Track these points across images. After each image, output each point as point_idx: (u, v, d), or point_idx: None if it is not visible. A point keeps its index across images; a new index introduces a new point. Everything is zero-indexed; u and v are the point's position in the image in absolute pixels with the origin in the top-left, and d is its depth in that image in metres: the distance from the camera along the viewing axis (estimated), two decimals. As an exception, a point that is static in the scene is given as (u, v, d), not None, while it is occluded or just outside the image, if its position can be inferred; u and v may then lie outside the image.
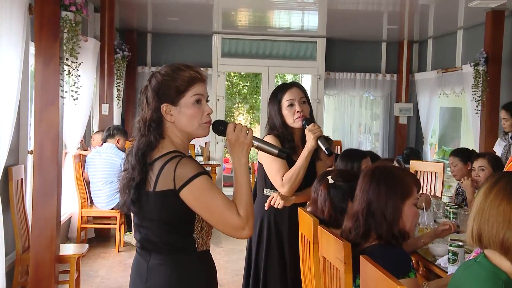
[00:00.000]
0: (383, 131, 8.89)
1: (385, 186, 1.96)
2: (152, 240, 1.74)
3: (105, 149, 5.57)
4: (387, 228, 1.92)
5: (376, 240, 1.96)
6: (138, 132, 1.76)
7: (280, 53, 8.81)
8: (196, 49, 8.55)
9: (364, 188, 2.00)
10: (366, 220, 1.96)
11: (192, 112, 1.76)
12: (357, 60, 8.82)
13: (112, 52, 6.33)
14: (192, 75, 1.77)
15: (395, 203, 1.94)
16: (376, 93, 8.88)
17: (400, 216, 1.94)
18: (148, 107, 1.76)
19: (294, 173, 2.72)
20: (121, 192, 1.78)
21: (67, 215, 5.51)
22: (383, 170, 2.03)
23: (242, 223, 1.67)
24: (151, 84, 1.78)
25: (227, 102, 13.69)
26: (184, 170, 1.66)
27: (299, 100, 2.80)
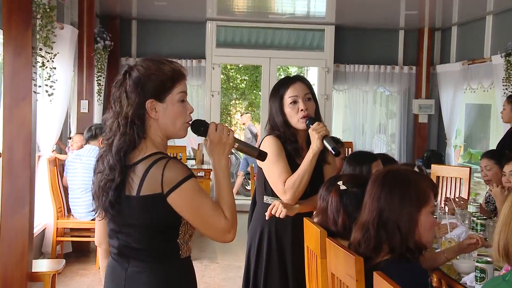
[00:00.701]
0: (400, 131, 8.89)
1: (399, 192, 1.95)
2: (133, 247, 1.82)
3: (87, 152, 5.56)
4: (401, 240, 1.92)
5: (389, 254, 1.95)
6: (116, 130, 1.81)
7: (283, 42, 8.81)
8: (188, 38, 8.55)
9: (375, 194, 1.99)
10: (378, 232, 1.95)
11: (177, 110, 1.84)
12: (370, 50, 8.82)
13: (92, 41, 6.34)
14: (176, 70, 1.86)
15: (410, 211, 1.93)
16: (392, 88, 8.88)
17: (416, 227, 1.93)
18: (128, 102, 1.80)
19: (297, 178, 2.72)
20: (96, 195, 1.85)
21: (40, 227, 5.51)
22: (395, 174, 2.03)
23: (229, 226, 1.81)
24: (131, 77, 1.82)
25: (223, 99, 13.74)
26: (172, 173, 1.75)
27: (303, 96, 2.80)
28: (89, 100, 6.39)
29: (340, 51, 8.67)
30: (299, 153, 2.83)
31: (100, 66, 6.78)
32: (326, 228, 2.32)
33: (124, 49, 8.38)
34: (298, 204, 2.76)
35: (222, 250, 6.35)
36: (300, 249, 2.65)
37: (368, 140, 8.85)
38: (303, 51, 8.77)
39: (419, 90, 8.80)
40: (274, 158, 2.77)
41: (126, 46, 8.43)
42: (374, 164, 3.13)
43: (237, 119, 14.93)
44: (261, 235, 2.87)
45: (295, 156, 2.83)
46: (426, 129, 8.88)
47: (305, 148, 2.83)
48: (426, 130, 8.87)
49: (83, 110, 6.35)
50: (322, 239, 2.25)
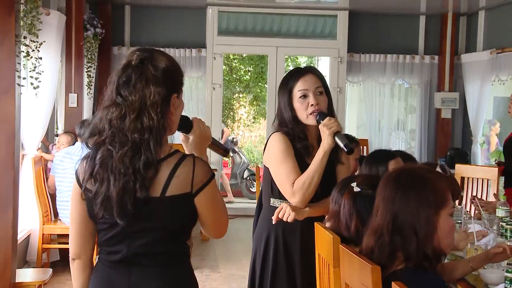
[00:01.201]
0: (421, 127, 8.87)
1: (415, 193, 1.95)
2: (144, 252, 1.87)
3: (78, 150, 5.51)
4: (418, 246, 1.91)
5: (404, 263, 1.95)
6: (133, 127, 1.81)
7: (291, 30, 8.80)
8: (187, 25, 8.55)
9: (388, 196, 1.99)
10: (392, 237, 1.95)
11: (181, 108, 1.94)
12: (388, 38, 8.81)
13: (81, 28, 6.35)
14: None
15: (427, 214, 1.93)
16: (412, 80, 8.86)
17: (435, 231, 1.93)
18: (155, 93, 1.81)
19: (307, 178, 2.73)
20: (102, 198, 1.83)
21: (25, 233, 5.53)
22: (410, 173, 2.03)
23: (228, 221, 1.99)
24: (157, 67, 1.84)
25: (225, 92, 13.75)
26: (202, 171, 1.87)
27: (314, 90, 2.81)
28: (78, 94, 6.41)
29: (354, 39, 8.65)
30: (309, 151, 2.83)
31: (90, 56, 6.79)
32: (339, 234, 2.31)
33: (116, 37, 8.38)
34: (308, 208, 2.76)
35: (224, 258, 6.36)
36: (311, 257, 2.66)
37: (385, 137, 8.84)
38: (314, 39, 8.76)
39: (442, 82, 8.77)
40: (282, 157, 2.78)
41: (118, 34, 8.43)
42: (392, 163, 3.11)
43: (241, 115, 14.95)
44: (267, 241, 2.88)
45: (304, 154, 2.83)
46: (450, 125, 8.85)
47: (315, 146, 2.83)
48: (449, 126, 8.85)
49: (72, 105, 6.37)
50: (335, 246, 2.24)
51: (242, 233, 7.38)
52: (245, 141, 15.03)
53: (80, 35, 6.31)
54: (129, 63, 1.85)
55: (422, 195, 1.94)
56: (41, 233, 5.56)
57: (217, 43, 8.44)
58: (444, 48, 8.74)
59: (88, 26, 6.62)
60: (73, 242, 1.99)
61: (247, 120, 14.95)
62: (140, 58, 1.85)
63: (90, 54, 6.74)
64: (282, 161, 2.78)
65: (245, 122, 15.04)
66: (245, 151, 13.59)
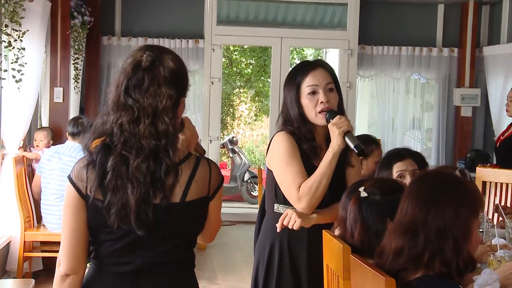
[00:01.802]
0: (438, 126, 8.85)
1: (455, 193, 1.98)
2: (158, 262, 1.95)
3: (68, 150, 5.50)
4: (454, 252, 1.93)
5: (423, 270, 1.95)
6: (147, 131, 1.87)
7: (297, 19, 8.80)
8: (183, 13, 8.54)
9: (424, 194, 2.00)
10: (427, 237, 1.95)
11: (182, 111, 2.03)
12: (403, 29, 8.80)
13: (68, 16, 6.34)
14: None
15: (467, 217, 1.96)
16: (429, 75, 8.85)
17: (471, 238, 1.96)
18: (167, 96, 1.89)
19: (314, 182, 2.73)
20: (117, 206, 1.86)
21: (4, 240, 5.53)
22: (447, 174, 2.07)
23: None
24: (167, 68, 1.92)
25: (225, 86, 13.75)
26: (217, 173, 2.00)
27: (324, 86, 2.81)
28: (64, 88, 6.40)
29: (366, 30, 8.64)
30: (317, 153, 2.84)
31: (78, 46, 6.78)
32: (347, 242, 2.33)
33: (106, 26, 8.37)
34: (315, 214, 2.76)
35: (222, 268, 6.36)
36: (318, 268, 2.66)
37: (399, 137, 8.83)
38: (322, 30, 8.76)
39: (462, 77, 8.77)
40: (286, 159, 2.79)
41: (108, 23, 8.41)
42: (397, 165, 3.11)
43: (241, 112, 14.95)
44: (271, 251, 2.88)
45: (311, 156, 2.84)
46: (470, 124, 8.84)
47: (324, 147, 2.84)
48: (470, 125, 8.84)
49: (57, 100, 6.37)
50: (345, 257, 2.25)
51: (243, 241, 7.38)
52: (246, 140, 15.03)
53: (66, 23, 6.30)
54: (139, 64, 1.90)
55: (462, 196, 1.98)
56: (23, 240, 5.55)
57: (216, 33, 8.43)
58: (464, 40, 8.73)
59: (76, 14, 6.61)
60: (69, 256, 1.97)
61: (248, 117, 14.95)
62: (150, 59, 1.91)
63: (77, 45, 6.73)
64: (287, 164, 2.78)
65: (246, 120, 15.04)
66: (246, 151, 13.60)
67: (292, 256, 2.84)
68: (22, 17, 3.92)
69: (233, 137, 11.16)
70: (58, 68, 6.32)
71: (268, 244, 2.88)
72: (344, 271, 2.25)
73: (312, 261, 2.79)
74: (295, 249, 2.84)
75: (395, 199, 2.15)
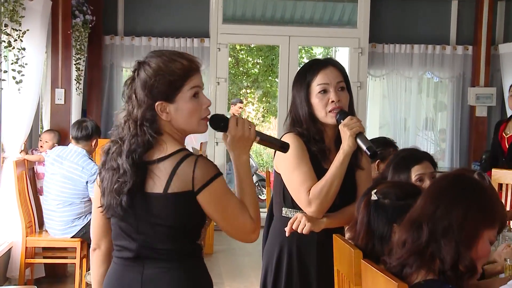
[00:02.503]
0: (452, 127, 8.84)
1: (470, 195, 1.98)
2: (153, 247, 2.15)
3: (71, 155, 5.45)
4: (455, 254, 1.93)
5: (423, 269, 1.97)
6: (127, 131, 2.15)
7: (305, 17, 8.80)
8: (188, 11, 8.56)
9: (439, 190, 2.02)
10: (431, 235, 1.96)
11: (191, 107, 2.17)
12: (415, 26, 8.78)
13: (69, 15, 6.36)
14: (186, 65, 2.16)
15: (476, 223, 1.95)
16: (443, 74, 8.84)
17: (476, 245, 1.95)
18: (137, 103, 2.14)
19: (325, 185, 2.72)
20: (108, 192, 2.16)
21: (5, 246, 5.54)
22: (466, 178, 2.07)
23: (254, 226, 2.18)
24: (139, 77, 2.15)
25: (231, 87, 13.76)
26: (203, 170, 2.11)
27: (335, 85, 2.80)
28: (66, 89, 6.42)
29: (377, 28, 8.63)
30: (326, 155, 2.83)
31: (79, 46, 6.80)
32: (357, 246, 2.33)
33: (108, 25, 8.39)
34: (325, 218, 2.76)
35: (230, 274, 6.36)
36: (329, 274, 2.65)
37: (411, 138, 8.82)
38: (331, 28, 8.75)
39: (477, 76, 8.74)
40: (295, 161, 2.78)
41: (111, 22, 8.44)
42: (416, 168, 3.10)
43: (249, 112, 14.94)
44: (280, 256, 2.87)
45: (321, 158, 2.83)
46: (485, 125, 8.81)
47: (333, 150, 2.84)
48: (485, 125, 8.81)
49: (58, 101, 6.38)
50: (356, 262, 2.24)
51: (250, 247, 7.34)
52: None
53: (67, 22, 6.31)
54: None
55: (476, 201, 1.97)
56: (24, 246, 5.55)
57: (222, 32, 8.44)
58: (479, 37, 8.70)
59: (77, 13, 6.63)
60: (93, 231, 2.37)
61: (256, 118, 14.95)
62: (134, 67, 2.18)
63: (79, 45, 6.76)
64: (296, 166, 2.77)
65: (253, 121, 15.03)
66: (253, 154, 13.59)
67: (301, 261, 2.84)
68: (22, 16, 3.94)
69: (240, 138, 11.14)
70: (60, 69, 6.33)
71: (277, 249, 2.88)
72: (355, 276, 2.25)
73: (322, 267, 2.78)
74: (305, 254, 2.84)
75: (406, 205, 2.17)
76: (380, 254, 2.23)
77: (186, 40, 8.36)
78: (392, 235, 2.26)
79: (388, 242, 2.24)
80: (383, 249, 2.21)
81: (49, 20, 6.13)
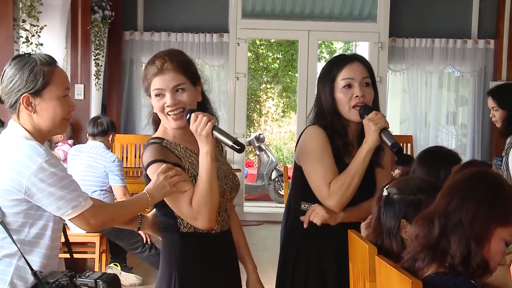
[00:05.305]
0: (474, 122, 8.76)
1: (484, 192, 1.96)
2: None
3: (89, 148, 5.51)
4: (465, 250, 1.92)
5: (435, 264, 1.96)
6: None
7: (325, 11, 8.78)
8: (207, 6, 8.56)
9: (454, 186, 2.01)
10: (442, 229, 1.95)
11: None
12: (436, 20, 8.72)
13: (89, 11, 6.39)
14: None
15: (488, 220, 1.93)
16: (464, 68, 8.77)
17: (488, 242, 1.93)
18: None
19: (346, 179, 2.71)
20: None
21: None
22: (485, 174, 2.06)
23: (193, 214, 2.35)
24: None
25: (251, 82, 13.74)
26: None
27: (360, 80, 2.79)
28: (85, 84, 6.46)
29: (397, 22, 8.59)
30: (348, 150, 2.82)
31: (99, 42, 6.83)
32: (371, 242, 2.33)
33: (128, 21, 8.42)
34: (342, 212, 2.75)
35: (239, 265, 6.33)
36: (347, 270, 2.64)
37: (432, 133, 8.77)
38: (351, 22, 8.72)
39: (499, 70, 8.66)
40: (318, 154, 2.77)
41: (130, 17, 8.46)
42: (455, 168, 3.09)
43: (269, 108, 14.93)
44: (298, 252, 2.87)
45: (343, 153, 2.82)
46: (507, 120, 8.71)
47: (355, 145, 2.82)
48: (507, 120, 8.71)
49: (78, 97, 6.42)
50: (370, 258, 2.23)
51: (270, 242, 7.35)
52: (273, 137, 15.01)
53: (87, 18, 6.35)
54: None
55: (490, 197, 1.95)
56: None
57: (241, 27, 8.44)
58: (501, 31, 8.62)
59: (96, 8, 6.66)
60: None
61: (276, 114, 14.92)
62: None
63: (98, 40, 6.78)
64: (319, 159, 2.76)
65: (273, 116, 15.02)
66: (273, 149, 13.58)
67: (319, 257, 2.83)
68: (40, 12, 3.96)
69: (259, 134, 11.14)
70: (79, 64, 6.38)
71: (295, 244, 2.88)
72: (370, 272, 2.24)
73: (341, 263, 2.75)
74: (324, 250, 2.83)
75: (416, 200, 2.19)
76: (388, 249, 2.23)
77: (205, 35, 8.37)
78: (400, 230, 2.26)
79: (396, 237, 2.25)
80: (392, 244, 2.22)
81: (68, 15, 6.16)
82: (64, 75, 2.41)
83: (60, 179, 2.27)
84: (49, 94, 2.31)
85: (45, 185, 2.24)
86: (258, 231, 8.02)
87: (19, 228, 2.33)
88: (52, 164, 2.27)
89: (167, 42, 8.17)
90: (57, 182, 2.26)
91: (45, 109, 2.33)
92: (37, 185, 2.24)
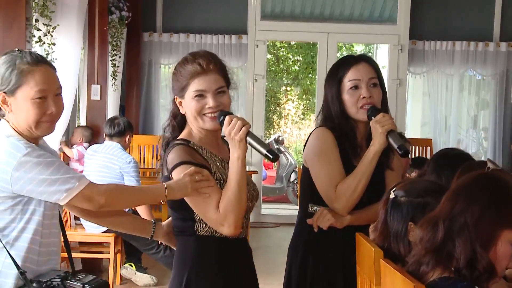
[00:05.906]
0: (495, 125, 8.71)
1: (489, 194, 1.93)
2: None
3: (106, 148, 5.54)
4: (471, 254, 1.88)
5: (439, 268, 1.93)
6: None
7: (345, 13, 8.77)
8: (226, 8, 8.57)
9: (459, 189, 1.99)
10: (447, 233, 1.92)
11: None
12: (457, 22, 8.67)
13: (106, 11, 6.41)
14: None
15: (493, 224, 1.90)
16: (485, 71, 8.72)
17: (494, 245, 1.90)
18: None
19: (352, 182, 2.69)
20: None
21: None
22: (492, 176, 2.04)
23: (220, 219, 2.30)
24: None
25: (271, 84, 13.72)
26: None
27: (367, 81, 2.77)
28: (102, 85, 6.48)
29: (417, 24, 8.56)
30: (357, 152, 2.80)
31: (116, 42, 6.85)
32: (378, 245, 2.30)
33: (147, 22, 8.46)
34: (349, 215, 2.74)
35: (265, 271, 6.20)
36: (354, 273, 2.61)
37: (452, 137, 8.72)
38: (371, 24, 8.70)
39: (521, 73, 8.59)
40: (325, 156, 2.76)
41: (150, 19, 8.50)
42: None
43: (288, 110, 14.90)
44: (305, 254, 2.86)
45: (351, 155, 2.80)
46: (530, 123, 8.66)
47: (364, 147, 2.80)
48: (529, 124, 8.66)
49: (94, 97, 6.44)
50: (376, 261, 2.21)
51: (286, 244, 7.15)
52: (293, 140, 14.98)
53: (104, 19, 6.37)
54: None
55: (496, 200, 1.93)
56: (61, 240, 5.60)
57: (260, 29, 8.44)
58: (524, 34, 8.55)
59: (113, 9, 6.68)
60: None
61: (296, 116, 14.90)
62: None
63: (115, 41, 6.80)
64: (326, 161, 2.75)
65: (293, 119, 15.00)
66: (293, 151, 13.55)
67: (326, 260, 2.81)
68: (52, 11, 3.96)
69: (279, 136, 11.10)
70: (96, 65, 6.40)
71: (302, 246, 2.87)
72: (375, 276, 2.22)
73: (347, 266, 2.73)
74: (331, 252, 2.81)
75: (423, 202, 2.16)
76: (396, 252, 2.20)
77: (224, 37, 8.38)
78: (408, 233, 2.22)
79: (403, 240, 2.21)
80: (399, 248, 2.19)
81: (86, 16, 6.18)
82: (44, 77, 2.28)
83: (47, 166, 2.22)
84: (22, 95, 2.25)
85: (32, 175, 2.20)
86: (275, 233, 8.01)
87: (7, 225, 2.32)
88: (33, 155, 2.23)
89: (185, 44, 8.19)
90: (44, 170, 2.21)
91: (19, 109, 2.27)
92: (22, 177, 2.21)
